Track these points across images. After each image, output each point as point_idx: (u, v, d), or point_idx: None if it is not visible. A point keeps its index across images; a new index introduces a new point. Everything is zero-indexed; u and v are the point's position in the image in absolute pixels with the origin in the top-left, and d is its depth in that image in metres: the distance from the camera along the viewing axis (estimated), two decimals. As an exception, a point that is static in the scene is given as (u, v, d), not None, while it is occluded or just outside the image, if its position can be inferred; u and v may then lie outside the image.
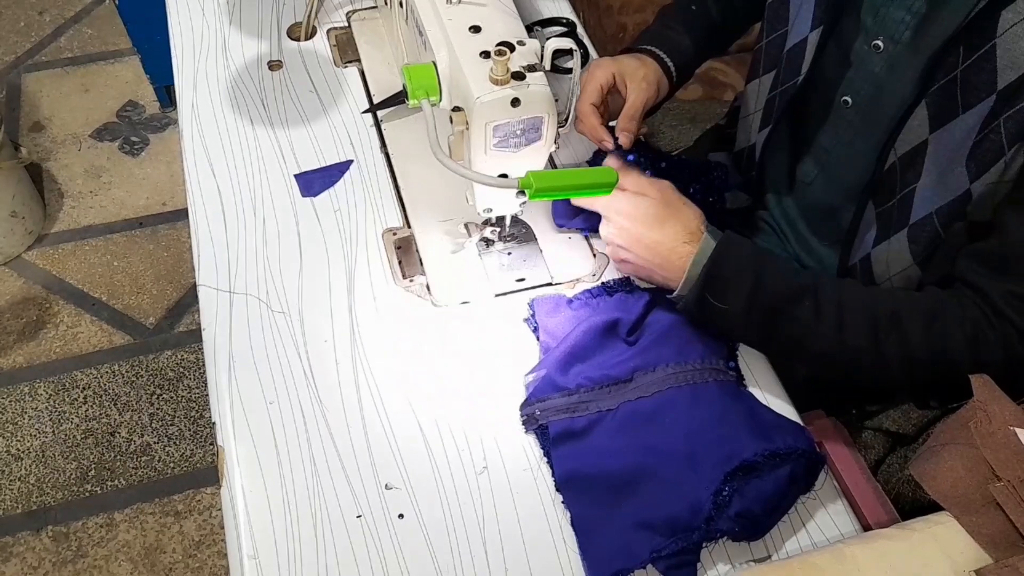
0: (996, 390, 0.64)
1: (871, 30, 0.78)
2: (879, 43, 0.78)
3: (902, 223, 0.77)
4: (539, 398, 0.74)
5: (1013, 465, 0.60)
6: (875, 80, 0.80)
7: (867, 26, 0.79)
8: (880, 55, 0.78)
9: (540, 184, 0.70)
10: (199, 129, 0.95)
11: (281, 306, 0.81)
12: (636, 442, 0.71)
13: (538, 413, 0.73)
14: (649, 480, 0.68)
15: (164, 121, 2.09)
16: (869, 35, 0.79)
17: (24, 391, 1.63)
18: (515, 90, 0.68)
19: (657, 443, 0.70)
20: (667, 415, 0.72)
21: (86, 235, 1.87)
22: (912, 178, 0.76)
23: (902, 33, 0.76)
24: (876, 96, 0.81)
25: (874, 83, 0.80)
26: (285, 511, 0.69)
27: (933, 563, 0.60)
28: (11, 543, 1.44)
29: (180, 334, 1.72)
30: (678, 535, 0.65)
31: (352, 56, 1.04)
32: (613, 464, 0.70)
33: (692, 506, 0.66)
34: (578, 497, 0.69)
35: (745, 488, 0.66)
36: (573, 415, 0.72)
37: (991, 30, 0.66)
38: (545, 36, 1.08)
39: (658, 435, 0.71)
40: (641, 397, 0.73)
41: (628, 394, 0.73)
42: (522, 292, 0.83)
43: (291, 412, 0.74)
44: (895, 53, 0.77)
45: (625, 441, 0.71)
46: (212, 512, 1.49)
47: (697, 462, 0.68)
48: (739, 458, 0.66)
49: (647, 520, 0.66)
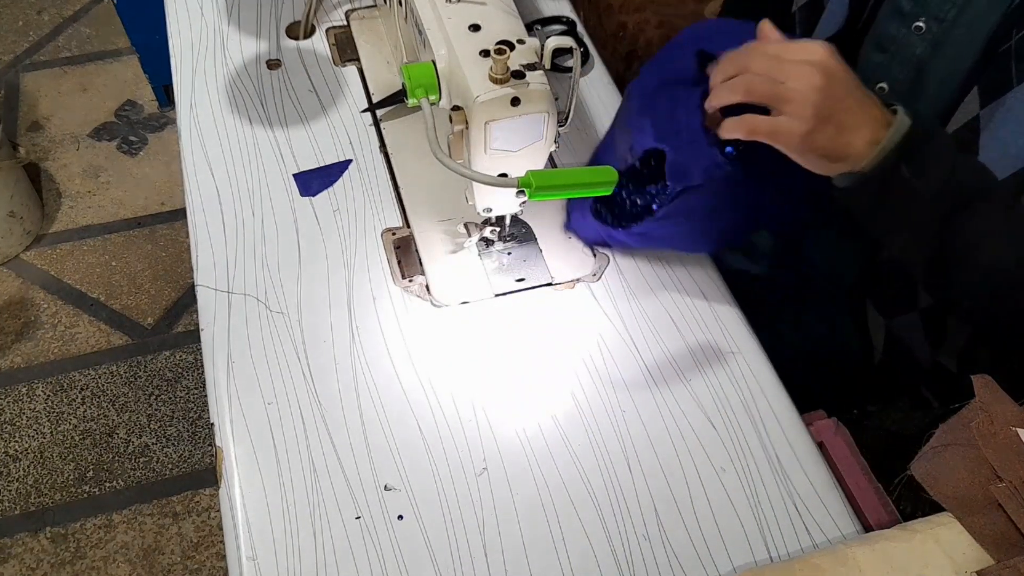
0: (998, 391, 0.64)
1: (910, 13, 0.77)
2: (921, 24, 0.76)
3: None
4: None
5: (1015, 466, 0.60)
6: (916, 63, 0.79)
7: (904, 10, 0.78)
8: (922, 37, 0.77)
9: (540, 183, 0.70)
10: (197, 129, 0.95)
11: (280, 306, 0.81)
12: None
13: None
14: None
15: (162, 121, 2.09)
16: (908, 18, 0.77)
17: (22, 391, 1.62)
18: (515, 89, 0.67)
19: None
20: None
21: (84, 235, 1.87)
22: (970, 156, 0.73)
23: (947, 12, 0.75)
24: (917, 79, 0.79)
25: (915, 66, 0.79)
26: (284, 512, 0.68)
27: (934, 564, 0.59)
28: (9, 544, 1.44)
29: (178, 334, 1.72)
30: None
31: (351, 55, 1.04)
32: None
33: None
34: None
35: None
36: None
37: None
38: (545, 35, 1.08)
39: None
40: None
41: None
42: (522, 292, 0.83)
43: (290, 413, 0.74)
44: (939, 33, 0.76)
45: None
46: (211, 513, 1.49)
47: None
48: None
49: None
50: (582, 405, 0.75)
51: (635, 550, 0.68)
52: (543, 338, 0.80)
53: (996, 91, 0.71)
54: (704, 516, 0.70)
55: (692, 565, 0.67)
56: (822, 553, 0.63)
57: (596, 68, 1.06)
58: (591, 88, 1.03)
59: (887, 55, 0.81)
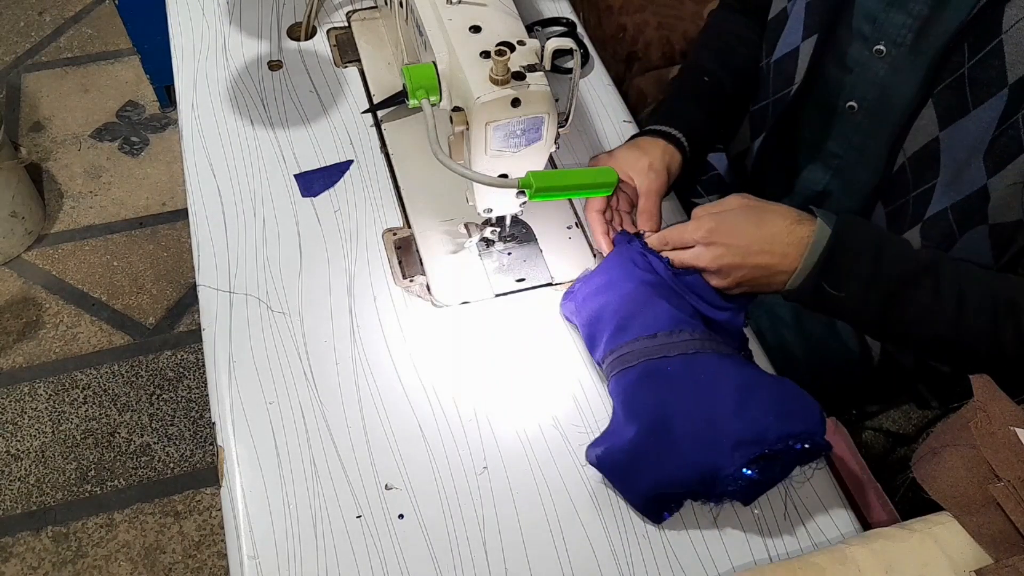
0: (996, 390, 0.64)
1: (870, 36, 0.79)
2: (881, 48, 0.78)
3: (916, 219, 0.77)
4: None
5: (1013, 465, 0.60)
6: (880, 84, 0.80)
7: (864, 33, 0.79)
8: (883, 60, 0.79)
9: (540, 184, 0.70)
10: (199, 129, 0.95)
11: (281, 306, 0.81)
12: (655, 398, 0.70)
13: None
14: (666, 436, 0.68)
15: (164, 121, 2.10)
16: (869, 41, 0.79)
17: (24, 391, 1.63)
18: (515, 90, 0.68)
19: (677, 401, 0.69)
20: (691, 376, 0.70)
21: (86, 235, 1.87)
22: (930, 176, 0.75)
23: (904, 36, 0.76)
24: (882, 99, 0.81)
25: (879, 87, 0.81)
26: (285, 511, 0.69)
27: (933, 563, 0.60)
28: (11, 543, 1.44)
29: (180, 334, 1.72)
30: (681, 490, 0.67)
31: (352, 56, 1.04)
32: (636, 415, 0.70)
33: (703, 473, 0.66)
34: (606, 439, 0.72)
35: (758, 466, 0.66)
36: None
37: (996, 27, 0.67)
38: (545, 36, 1.08)
39: (678, 393, 0.69)
40: (665, 356, 0.71)
41: (652, 352, 0.72)
42: (522, 292, 0.83)
43: (291, 412, 0.74)
44: (898, 56, 0.77)
45: (645, 397, 0.70)
46: (212, 512, 1.49)
47: (717, 430, 0.67)
48: (764, 443, 0.65)
49: (663, 474, 0.67)
50: (582, 405, 0.76)
51: (635, 550, 0.68)
52: (543, 338, 0.80)
53: (953, 115, 0.72)
54: (704, 516, 0.70)
55: (692, 565, 0.67)
56: (822, 553, 0.63)
57: (596, 69, 1.06)
58: (591, 89, 1.04)
59: (852, 75, 0.83)
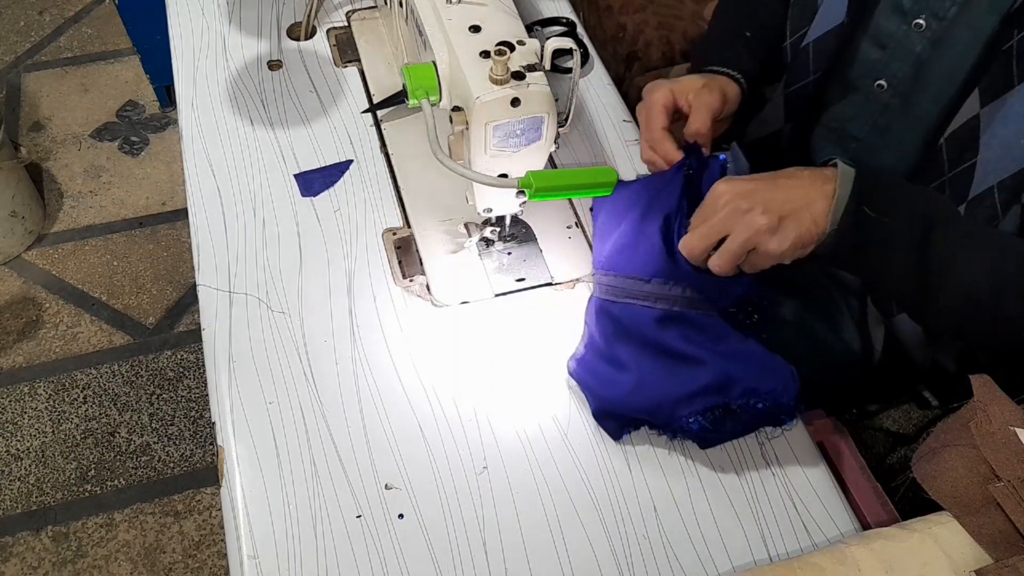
0: (996, 390, 0.64)
1: (910, 9, 0.77)
2: (920, 22, 0.77)
3: (959, 200, 0.75)
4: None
5: (1013, 465, 0.60)
6: (916, 60, 0.79)
7: (904, 6, 0.78)
8: (921, 34, 0.77)
9: (540, 184, 0.70)
10: (199, 129, 0.95)
11: (281, 306, 0.81)
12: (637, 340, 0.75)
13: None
14: (636, 368, 0.73)
15: (164, 121, 2.10)
16: (908, 15, 0.78)
17: (24, 391, 1.63)
18: (515, 90, 0.68)
19: (653, 344, 0.74)
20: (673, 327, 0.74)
21: (86, 235, 1.87)
22: (969, 155, 0.74)
23: (947, 10, 0.75)
24: (917, 76, 0.80)
25: (914, 63, 0.79)
26: (285, 511, 0.69)
27: (933, 563, 0.60)
28: (11, 543, 1.44)
29: (180, 334, 1.72)
30: (641, 416, 0.72)
31: (352, 56, 1.04)
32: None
33: (663, 406, 0.71)
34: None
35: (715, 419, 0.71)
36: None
37: None
38: (545, 36, 1.08)
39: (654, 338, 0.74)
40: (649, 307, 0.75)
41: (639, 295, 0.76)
42: (522, 292, 0.83)
43: (291, 412, 0.74)
44: (938, 30, 0.76)
45: (624, 332, 0.75)
46: (212, 512, 1.49)
47: (685, 372, 0.72)
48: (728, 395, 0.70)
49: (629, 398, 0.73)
50: (582, 405, 0.76)
51: (635, 550, 0.68)
52: (543, 338, 0.80)
53: (997, 91, 0.71)
54: (704, 516, 0.70)
55: (692, 565, 0.67)
56: (822, 552, 0.63)
57: (596, 69, 1.06)
58: (591, 89, 1.04)
59: (885, 52, 0.81)
